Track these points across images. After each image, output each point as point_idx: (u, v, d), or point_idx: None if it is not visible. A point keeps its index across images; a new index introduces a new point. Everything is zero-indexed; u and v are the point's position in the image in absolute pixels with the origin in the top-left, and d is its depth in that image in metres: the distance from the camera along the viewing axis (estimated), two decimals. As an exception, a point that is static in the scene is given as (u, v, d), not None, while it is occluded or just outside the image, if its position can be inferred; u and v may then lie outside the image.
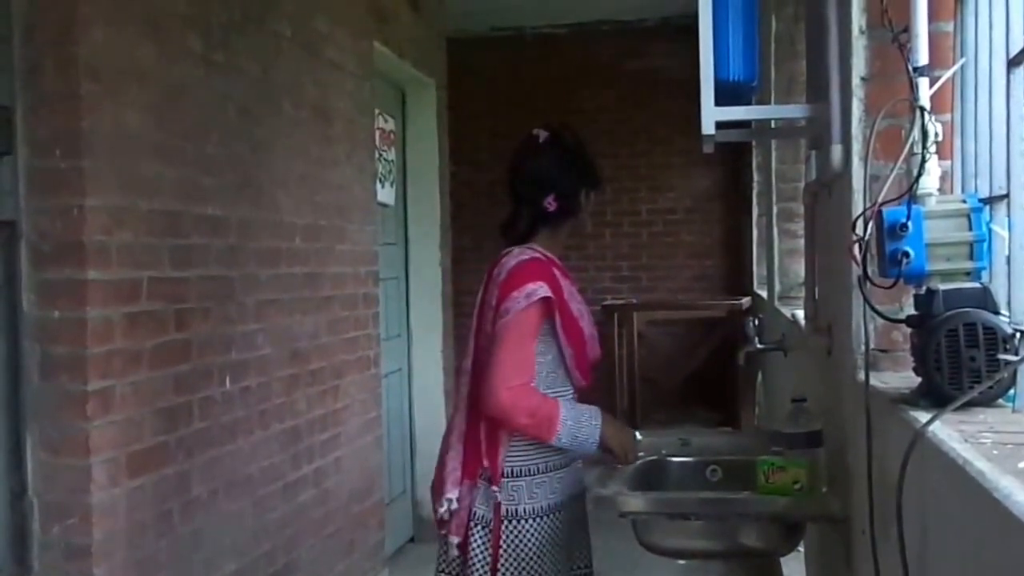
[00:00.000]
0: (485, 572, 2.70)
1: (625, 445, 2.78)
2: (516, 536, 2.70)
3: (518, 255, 2.79)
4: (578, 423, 2.69)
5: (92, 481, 2.72)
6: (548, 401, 2.69)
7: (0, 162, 2.67)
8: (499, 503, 2.70)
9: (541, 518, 2.72)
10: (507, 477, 2.72)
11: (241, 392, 3.52)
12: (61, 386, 2.71)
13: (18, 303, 2.70)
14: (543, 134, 2.87)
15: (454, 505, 2.74)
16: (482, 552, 2.71)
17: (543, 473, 2.72)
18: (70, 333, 2.71)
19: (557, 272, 2.78)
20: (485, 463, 2.73)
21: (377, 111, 5.21)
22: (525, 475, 2.72)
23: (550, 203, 2.80)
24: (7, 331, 2.70)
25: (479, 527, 2.72)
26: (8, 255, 2.70)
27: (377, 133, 5.23)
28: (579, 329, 2.78)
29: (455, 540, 2.75)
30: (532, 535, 2.70)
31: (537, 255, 2.79)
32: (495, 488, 2.71)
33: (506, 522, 2.71)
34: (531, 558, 2.70)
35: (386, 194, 5.53)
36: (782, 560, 4.23)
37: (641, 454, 2.82)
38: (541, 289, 2.68)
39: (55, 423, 2.71)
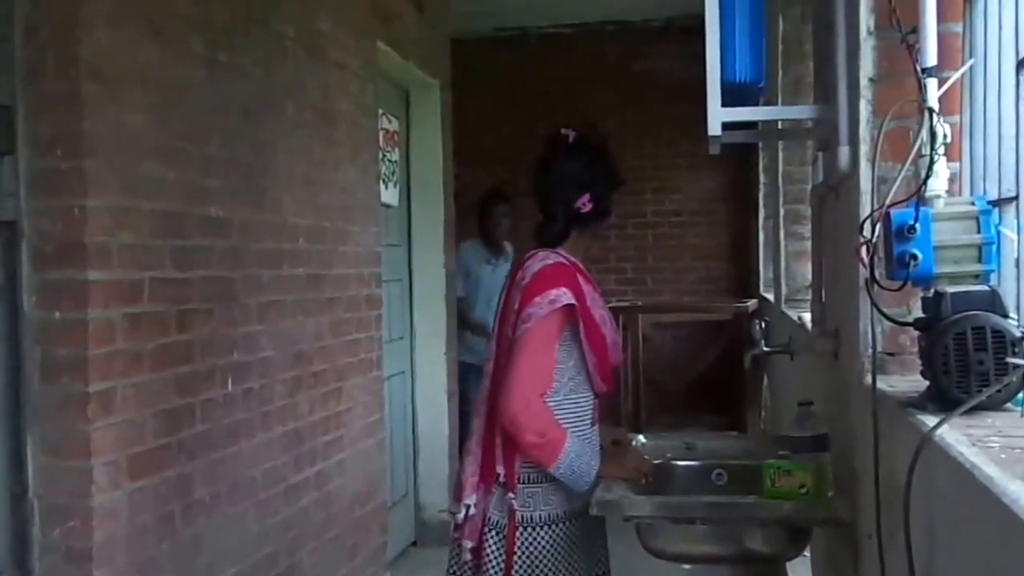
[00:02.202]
0: None
1: (632, 474, 2.70)
2: (530, 543, 2.69)
3: (542, 259, 2.76)
4: (579, 458, 2.65)
5: (93, 483, 2.71)
6: (559, 428, 2.66)
7: (1, 162, 2.66)
8: (514, 509, 2.69)
9: (556, 525, 2.70)
10: (524, 483, 2.70)
11: (243, 394, 3.51)
12: (62, 388, 2.69)
13: (19, 304, 2.69)
14: (572, 134, 2.83)
15: (472, 511, 2.73)
16: (496, 558, 2.70)
17: (558, 481, 2.70)
18: (71, 334, 2.69)
19: (581, 278, 2.76)
20: (500, 470, 2.71)
21: (381, 112, 5.20)
22: (542, 482, 2.70)
23: (584, 203, 2.77)
24: (8, 332, 2.69)
25: (493, 532, 2.71)
26: (9, 256, 2.68)
27: (381, 134, 5.22)
28: (602, 335, 2.76)
29: (469, 544, 2.74)
30: (546, 542, 2.69)
31: (561, 259, 2.76)
32: (511, 495, 2.69)
33: (521, 529, 2.69)
34: (545, 565, 2.68)
35: (390, 195, 5.52)
36: (788, 565, 4.21)
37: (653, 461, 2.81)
38: (564, 296, 2.65)
39: (56, 425, 2.70)
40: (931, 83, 1.77)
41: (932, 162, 1.72)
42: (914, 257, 1.66)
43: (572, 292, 2.67)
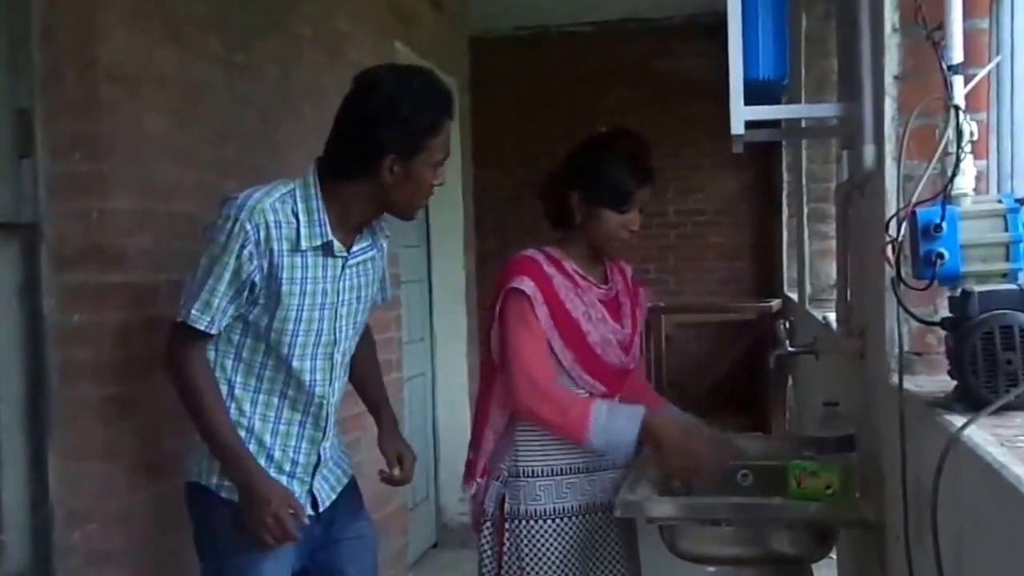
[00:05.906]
0: (491, 569, 2.74)
1: (687, 459, 2.60)
2: (517, 536, 2.70)
3: (515, 255, 2.76)
4: (610, 425, 2.59)
5: (113, 487, 2.71)
6: (577, 404, 2.64)
7: (20, 166, 2.66)
8: (504, 500, 2.71)
9: (543, 521, 2.69)
10: (513, 476, 2.72)
11: (264, 396, 3.49)
12: (82, 391, 2.69)
13: (39, 307, 2.69)
14: (602, 132, 2.83)
15: (467, 498, 2.81)
16: (490, 548, 2.75)
17: (547, 476, 2.70)
18: (91, 337, 2.69)
19: (556, 271, 2.71)
20: (470, 456, 2.79)
21: (400, 113, 5.19)
22: (527, 476, 2.71)
23: (576, 202, 2.74)
24: (28, 336, 2.69)
25: (488, 523, 2.75)
26: (28, 259, 2.69)
27: (400, 135, 5.20)
28: (578, 332, 2.69)
29: (478, 538, 2.80)
30: (533, 537, 2.68)
31: (535, 254, 2.74)
32: (469, 483, 2.78)
33: (509, 521, 2.71)
34: (531, 561, 2.68)
35: (409, 196, 5.50)
36: (814, 567, 4.17)
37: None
38: (515, 281, 2.64)
39: (76, 428, 2.69)
40: (957, 80, 1.74)
41: (958, 160, 1.70)
42: (941, 256, 1.64)
43: (536, 283, 2.64)
